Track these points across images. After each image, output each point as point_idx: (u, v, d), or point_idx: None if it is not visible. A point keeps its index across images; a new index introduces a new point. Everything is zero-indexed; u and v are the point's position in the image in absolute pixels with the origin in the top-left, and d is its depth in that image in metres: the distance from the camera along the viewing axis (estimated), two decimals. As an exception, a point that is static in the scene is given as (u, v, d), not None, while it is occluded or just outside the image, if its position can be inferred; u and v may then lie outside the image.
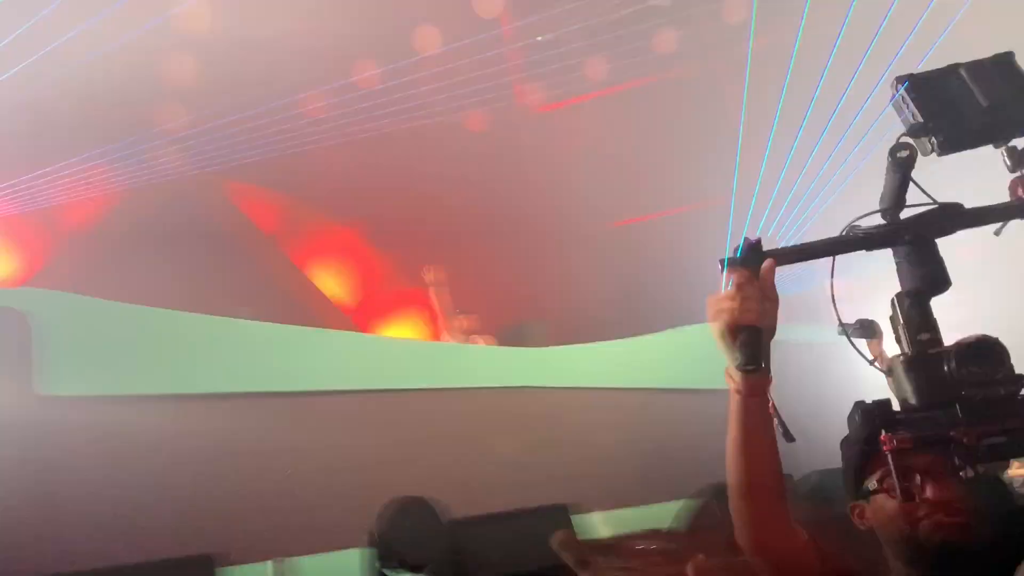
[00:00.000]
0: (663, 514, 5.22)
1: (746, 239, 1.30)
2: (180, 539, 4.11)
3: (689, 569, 1.25)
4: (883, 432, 1.21)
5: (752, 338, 1.28)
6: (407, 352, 6.11)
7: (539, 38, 11.15)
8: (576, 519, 3.89)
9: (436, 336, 7.60)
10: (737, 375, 1.30)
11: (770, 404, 1.32)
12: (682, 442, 6.70)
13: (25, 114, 8.84)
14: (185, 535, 4.18)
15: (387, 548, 3.51)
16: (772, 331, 1.27)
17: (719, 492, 4.33)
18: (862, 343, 3.81)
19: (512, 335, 7.14)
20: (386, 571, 3.52)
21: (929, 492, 1.26)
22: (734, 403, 1.32)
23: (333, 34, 10.79)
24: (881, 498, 1.40)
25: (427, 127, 12.29)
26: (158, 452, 4.53)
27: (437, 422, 5.64)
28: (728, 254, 1.28)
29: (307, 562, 4.17)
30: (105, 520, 4.17)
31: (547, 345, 7.09)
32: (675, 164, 11.95)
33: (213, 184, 11.07)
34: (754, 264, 1.28)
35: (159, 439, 4.57)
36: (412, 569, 3.58)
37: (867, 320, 3.71)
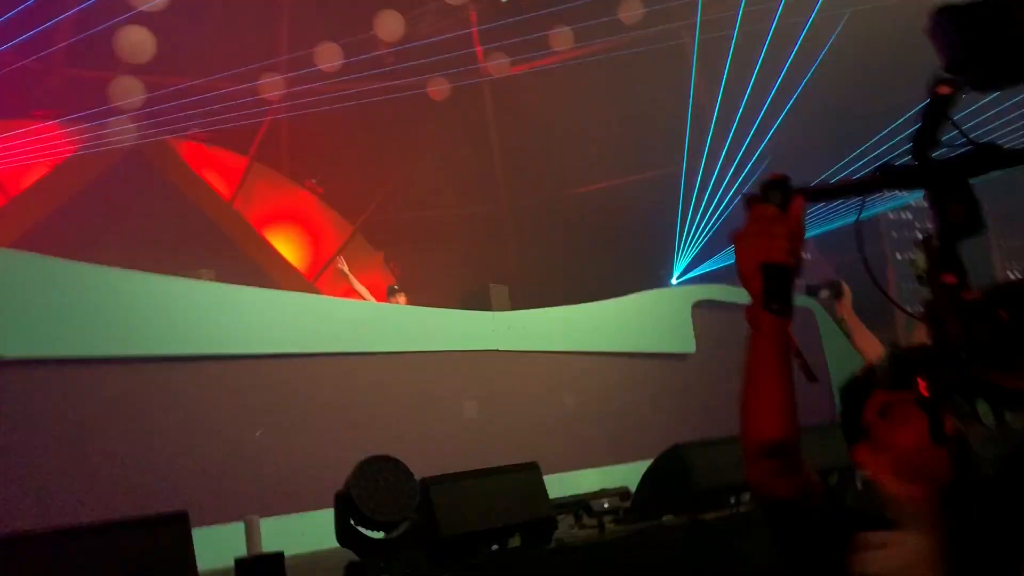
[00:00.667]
0: (626, 475, 5.35)
1: (772, 175, 1.25)
2: (151, 499, 4.11)
3: None
4: (916, 377, 1.17)
5: (780, 276, 1.22)
6: (371, 315, 6.11)
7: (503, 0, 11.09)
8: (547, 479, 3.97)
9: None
10: (761, 314, 1.24)
11: (793, 344, 1.30)
12: (642, 405, 6.86)
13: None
14: (157, 495, 4.18)
15: (359, 507, 3.54)
16: (799, 270, 1.24)
17: (677, 455, 4.45)
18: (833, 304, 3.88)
19: (476, 299, 7.17)
20: (360, 529, 3.56)
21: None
22: (756, 343, 1.27)
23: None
24: (883, 426, 1.38)
25: (389, 91, 12.17)
26: (123, 412, 4.50)
27: (403, 384, 5.68)
28: (748, 191, 1.24)
29: (279, 522, 4.21)
30: (78, 479, 4.15)
31: (510, 309, 7.14)
32: (633, 131, 12.03)
33: (167, 146, 10.85)
34: (780, 201, 1.22)
35: (121, 400, 4.53)
36: (384, 527, 3.62)
37: (834, 280, 3.76)
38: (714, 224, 11.61)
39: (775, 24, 10.45)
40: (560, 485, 4.86)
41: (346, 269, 7.74)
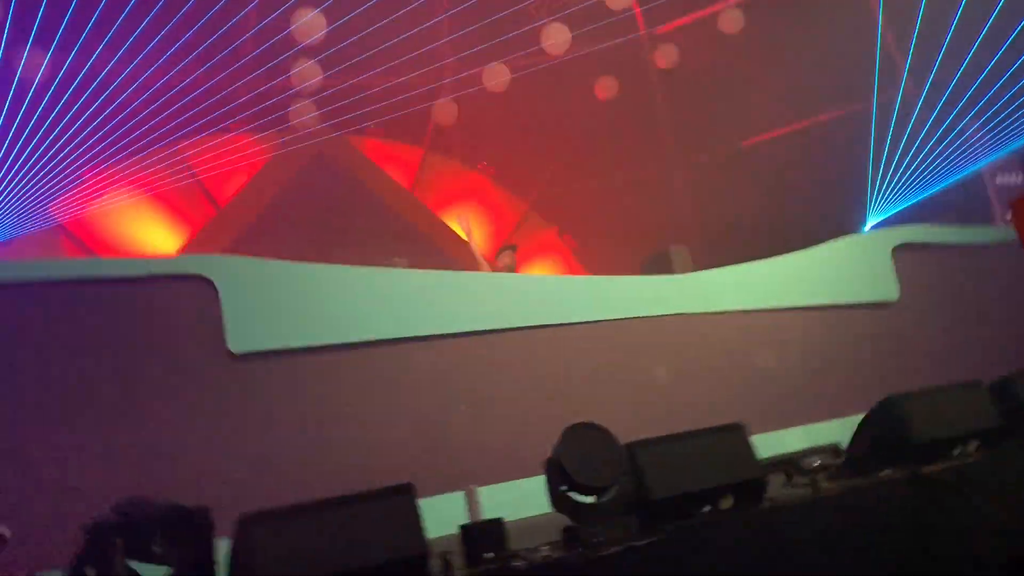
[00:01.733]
0: (834, 432, 5.16)
1: None
2: (378, 475, 4.42)
3: None
4: None
5: None
6: (557, 288, 6.21)
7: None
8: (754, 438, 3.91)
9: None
10: None
11: None
12: (845, 358, 6.55)
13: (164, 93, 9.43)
14: (382, 471, 4.50)
15: (569, 472, 3.64)
16: None
17: (891, 407, 4.23)
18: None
19: (657, 263, 7.11)
20: (570, 495, 3.66)
21: None
22: None
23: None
24: None
25: (544, 63, 12.22)
26: (343, 397, 4.86)
27: (594, 354, 5.75)
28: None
29: (494, 491, 4.42)
30: (307, 458, 4.55)
31: (692, 270, 7.02)
32: (807, 70, 11.40)
33: (349, 144, 11.47)
34: None
35: (347, 384, 4.89)
36: (595, 492, 3.71)
37: None
38: (915, 164, 10.75)
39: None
40: (764, 445, 4.76)
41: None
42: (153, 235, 10.54)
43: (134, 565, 3.12)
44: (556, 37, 11.16)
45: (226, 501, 4.00)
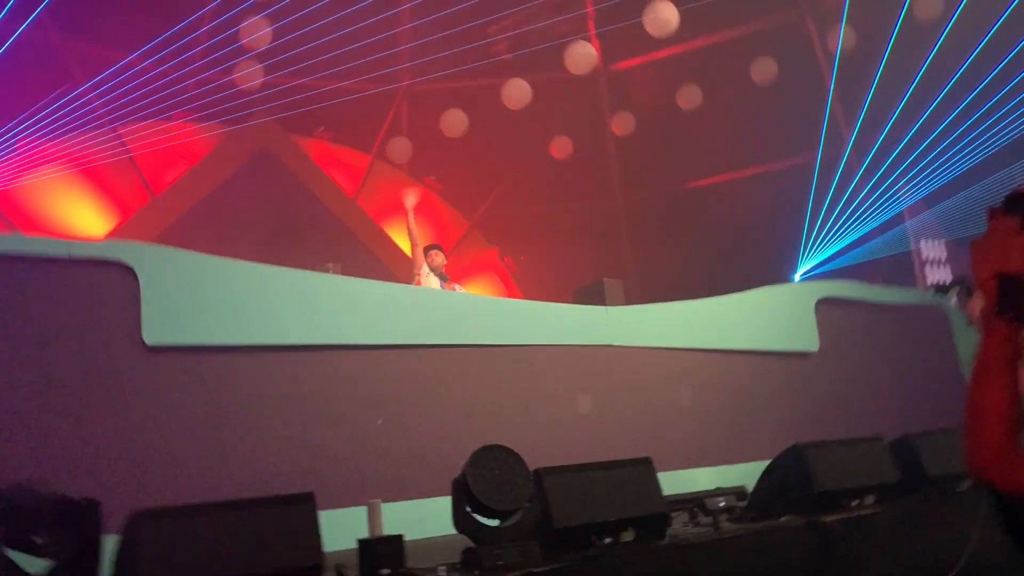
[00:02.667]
0: (742, 475, 5.26)
1: (1016, 190, 1.34)
2: (280, 482, 4.35)
3: None
4: None
5: (1015, 286, 1.30)
6: (487, 308, 6.23)
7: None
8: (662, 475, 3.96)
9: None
10: (993, 320, 1.33)
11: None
12: (761, 404, 6.70)
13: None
14: (286, 479, 4.43)
15: (475, 494, 3.63)
16: None
17: (797, 455, 4.33)
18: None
19: (590, 293, 7.17)
20: (475, 517, 3.65)
21: None
22: (986, 346, 1.34)
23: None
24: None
25: (495, 86, 12.31)
26: (255, 398, 4.77)
27: (518, 377, 5.77)
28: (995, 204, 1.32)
29: (399, 507, 4.37)
30: (213, 459, 4.45)
31: (624, 303, 7.10)
32: (755, 123, 11.73)
33: (296, 145, 11.36)
34: (1020, 214, 1.31)
35: (257, 387, 4.81)
36: (499, 515, 3.71)
37: (964, 277, 3.52)
38: (846, 220, 11.14)
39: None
40: (674, 482, 4.83)
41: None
42: (83, 217, 10.24)
43: (13, 555, 3.00)
44: (515, 93, 11.30)
45: (123, 496, 3.90)
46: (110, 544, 3.11)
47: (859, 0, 10.78)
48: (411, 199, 7.57)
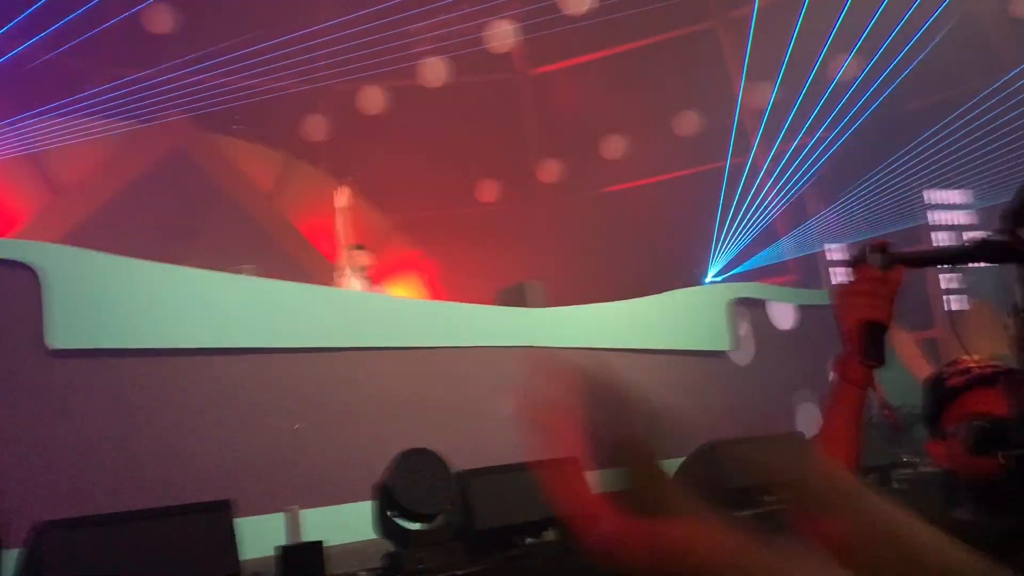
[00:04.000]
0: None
1: (872, 241, 1.37)
2: (194, 489, 4.22)
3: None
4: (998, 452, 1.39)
5: (879, 334, 1.35)
6: (407, 311, 6.19)
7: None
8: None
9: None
10: (856, 366, 1.37)
11: (879, 395, 1.42)
12: (678, 402, 6.85)
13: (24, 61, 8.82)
14: (199, 485, 4.30)
15: (397, 498, 3.61)
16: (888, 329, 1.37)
17: (711, 452, 4.44)
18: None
19: (511, 295, 7.21)
20: (397, 521, 3.62)
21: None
22: (844, 390, 1.39)
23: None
24: (957, 445, 1.56)
25: (418, 86, 12.28)
26: (167, 404, 4.62)
27: (439, 379, 5.75)
28: (856, 253, 1.36)
29: (318, 513, 4.29)
30: (122, 468, 4.29)
31: (545, 306, 7.17)
32: (670, 128, 12.01)
33: (212, 142, 11.05)
34: (882, 264, 1.36)
35: (166, 391, 4.66)
36: (422, 519, 3.69)
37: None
38: (753, 225, 11.52)
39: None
40: (601, 479, 4.90)
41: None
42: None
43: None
44: (432, 71, 11.26)
45: (26, 509, 3.71)
46: (12, 560, 2.97)
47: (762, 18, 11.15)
48: (340, 199, 7.39)
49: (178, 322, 4.78)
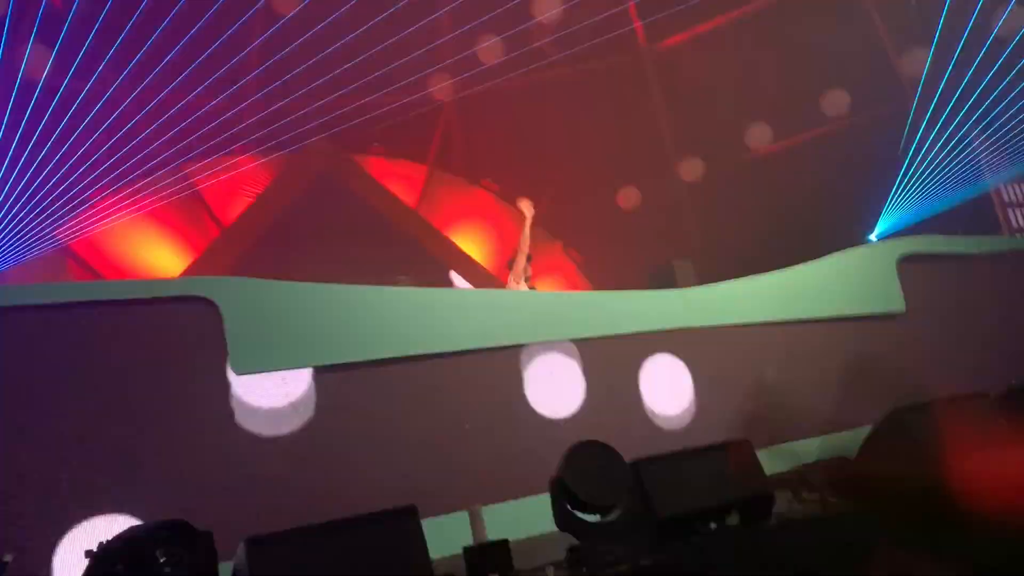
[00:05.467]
0: (844, 443, 5.12)
1: None
2: (382, 495, 4.40)
3: None
4: None
5: None
6: (562, 305, 6.19)
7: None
8: (760, 453, 3.88)
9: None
10: None
11: None
12: (852, 370, 6.51)
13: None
14: (386, 491, 4.48)
15: (573, 491, 3.62)
16: None
17: (897, 419, 4.18)
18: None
19: (661, 278, 7.08)
20: (576, 513, 3.64)
21: None
22: None
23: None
24: None
25: (546, 79, 12.28)
26: (344, 417, 4.84)
27: (599, 370, 5.72)
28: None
29: (498, 510, 4.38)
30: (314, 480, 4.54)
31: (696, 284, 6.99)
32: (814, 85, 11.43)
33: (353, 164, 11.53)
34: None
35: (342, 405, 4.88)
36: (599, 510, 3.68)
37: None
38: (928, 175, 10.68)
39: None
40: (775, 457, 4.74)
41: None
42: (158, 257, 10.57)
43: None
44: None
45: (220, 522, 3.98)
46: (224, 572, 3.19)
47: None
48: (528, 209, 7.55)
49: (346, 337, 5.00)
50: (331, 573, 3.04)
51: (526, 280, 7.27)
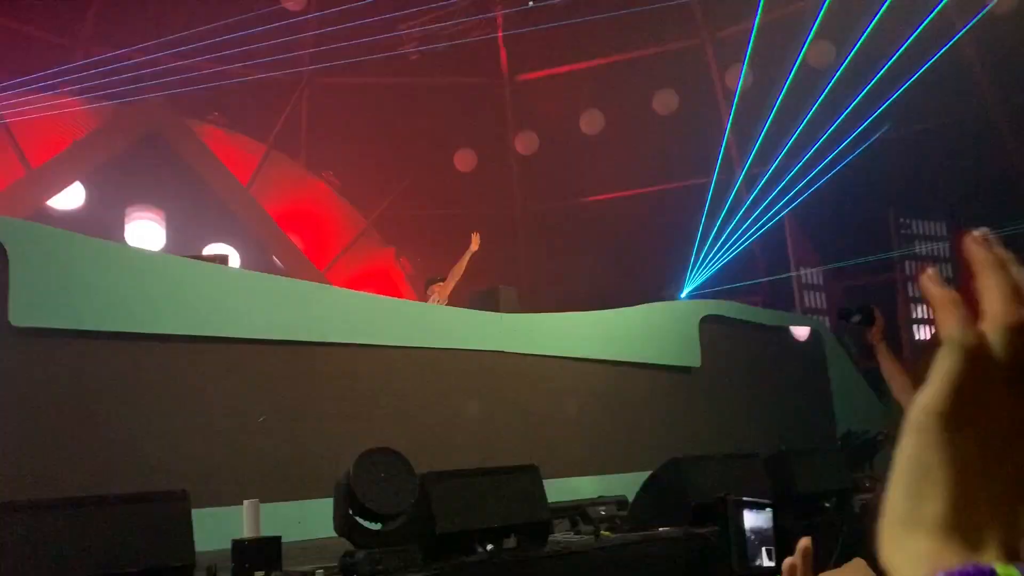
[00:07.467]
0: (624, 485, 5.37)
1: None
2: (153, 477, 4.15)
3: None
4: None
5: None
6: (379, 309, 6.14)
7: (530, 3, 11.12)
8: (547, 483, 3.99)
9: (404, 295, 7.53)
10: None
11: None
12: (645, 416, 6.87)
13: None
14: (158, 473, 4.23)
15: (358, 497, 3.57)
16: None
17: (675, 468, 4.46)
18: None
19: (484, 299, 7.18)
20: (357, 520, 3.58)
21: None
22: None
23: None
24: None
25: (407, 85, 12.26)
26: (129, 390, 4.54)
27: (407, 379, 5.71)
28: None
29: (277, 508, 4.24)
30: (80, 452, 4.21)
31: (518, 311, 7.15)
32: (655, 142, 12.06)
33: (188, 129, 10.92)
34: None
35: (130, 377, 4.58)
36: (381, 519, 3.65)
37: (867, 305, 3.52)
38: (735, 245, 11.55)
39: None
40: (558, 490, 4.89)
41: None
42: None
43: None
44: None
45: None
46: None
47: (758, 42, 11.25)
48: (475, 244, 7.48)
49: (144, 306, 4.70)
50: (86, 547, 2.82)
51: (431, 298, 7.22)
